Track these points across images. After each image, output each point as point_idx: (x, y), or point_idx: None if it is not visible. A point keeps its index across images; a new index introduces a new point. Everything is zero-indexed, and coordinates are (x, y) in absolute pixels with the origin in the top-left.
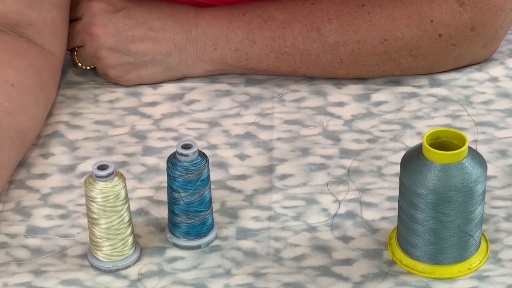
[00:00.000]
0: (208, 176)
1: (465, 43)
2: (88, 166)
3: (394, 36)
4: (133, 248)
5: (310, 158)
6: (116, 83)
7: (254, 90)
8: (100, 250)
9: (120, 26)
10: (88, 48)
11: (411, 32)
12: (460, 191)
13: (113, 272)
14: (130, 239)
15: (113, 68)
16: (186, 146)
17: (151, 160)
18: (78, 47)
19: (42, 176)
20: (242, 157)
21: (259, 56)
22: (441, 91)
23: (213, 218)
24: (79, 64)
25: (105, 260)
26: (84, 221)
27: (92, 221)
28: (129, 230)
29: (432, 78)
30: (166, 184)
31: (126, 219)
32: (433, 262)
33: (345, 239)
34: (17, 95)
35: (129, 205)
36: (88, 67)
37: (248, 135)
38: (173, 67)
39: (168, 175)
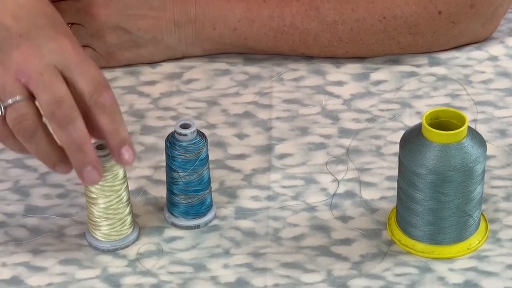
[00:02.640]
0: (207, 156)
1: (465, 20)
2: None
3: (393, 14)
4: (131, 228)
5: (309, 137)
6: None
7: (253, 69)
8: (99, 230)
9: (121, 5)
10: (88, 27)
11: (410, 9)
12: (460, 171)
13: (112, 251)
14: (129, 219)
15: (114, 46)
16: (185, 126)
17: (149, 139)
18: (72, 24)
19: None
20: (241, 136)
21: (258, 35)
22: (440, 70)
23: (211, 198)
24: None
25: (103, 239)
26: (82, 200)
27: (90, 201)
28: (127, 210)
29: (431, 57)
30: (164, 164)
31: (125, 198)
32: (432, 242)
33: (344, 218)
34: None
35: (127, 185)
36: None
37: (247, 115)
38: (172, 46)
39: (167, 155)
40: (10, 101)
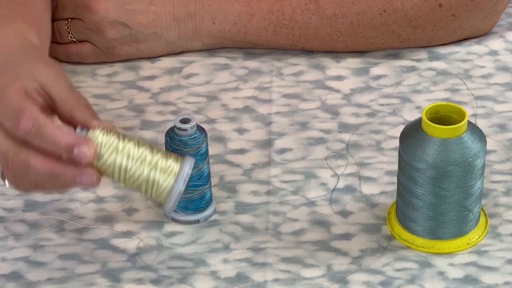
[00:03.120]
0: (207, 150)
1: (465, 13)
2: None
3: (393, 7)
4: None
5: (308, 132)
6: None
7: (252, 63)
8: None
9: (121, 0)
10: (87, 21)
11: (411, 2)
12: (460, 166)
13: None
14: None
15: (113, 41)
16: (185, 121)
17: (149, 134)
18: (71, 18)
19: None
20: (240, 131)
21: (258, 29)
22: (440, 64)
23: (211, 193)
24: (70, 36)
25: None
26: (82, 195)
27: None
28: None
29: (431, 51)
30: None
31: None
32: (432, 236)
33: (344, 213)
34: None
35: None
36: (78, 40)
37: (246, 109)
38: (172, 41)
39: (167, 150)
40: None
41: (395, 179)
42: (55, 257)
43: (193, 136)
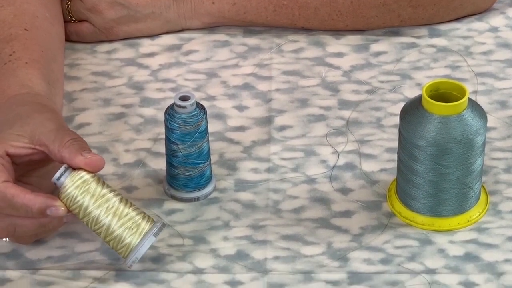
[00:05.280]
0: (206, 128)
1: None
2: (85, 117)
3: None
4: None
5: (308, 109)
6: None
7: (252, 40)
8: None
9: None
10: (86, 2)
11: None
12: (460, 143)
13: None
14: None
15: (112, 22)
16: (184, 98)
17: (148, 112)
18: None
19: None
20: (240, 108)
21: (257, 9)
22: (440, 41)
23: (211, 170)
24: (70, 16)
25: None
26: None
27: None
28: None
29: (431, 28)
30: (164, 136)
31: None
32: (432, 214)
33: (344, 191)
34: (52, 6)
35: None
36: (77, 20)
37: (246, 86)
38: (171, 20)
39: (166, 127)
40: None
41: (395, 156)
42: (55, 236)
43: (193, 113)
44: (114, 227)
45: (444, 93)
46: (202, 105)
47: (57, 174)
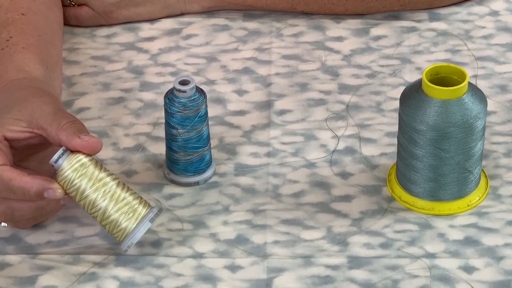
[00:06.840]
0: (206, 112)
1: None
2: (85, 102)
3: None
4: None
5: (308, 93)
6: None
7: (252, 24)
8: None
9: None
10: None
11: None
12: (460, 127)
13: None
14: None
15: (111, 6)
16: (184, 82)
17: (148, 96)
18: None
19: None
20: (240, 92)
21: None
22: (440, 25)
23: (211, 155)
24: (69, 0)
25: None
26: None
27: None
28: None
29: (432, 12)
30: (163, 120)
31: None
32: (432, 198)
33: (344, 175)
34: None
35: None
36: (77, 4)
37: (246, 70)
38: (171, 4)
39: (166, 111)
40: None
41: (395, 141)
42: (55, 220)
43: (192, 97)
44: (111, 211)
45: (444, 77)
46: (201, 90)
47: (55, 156)
